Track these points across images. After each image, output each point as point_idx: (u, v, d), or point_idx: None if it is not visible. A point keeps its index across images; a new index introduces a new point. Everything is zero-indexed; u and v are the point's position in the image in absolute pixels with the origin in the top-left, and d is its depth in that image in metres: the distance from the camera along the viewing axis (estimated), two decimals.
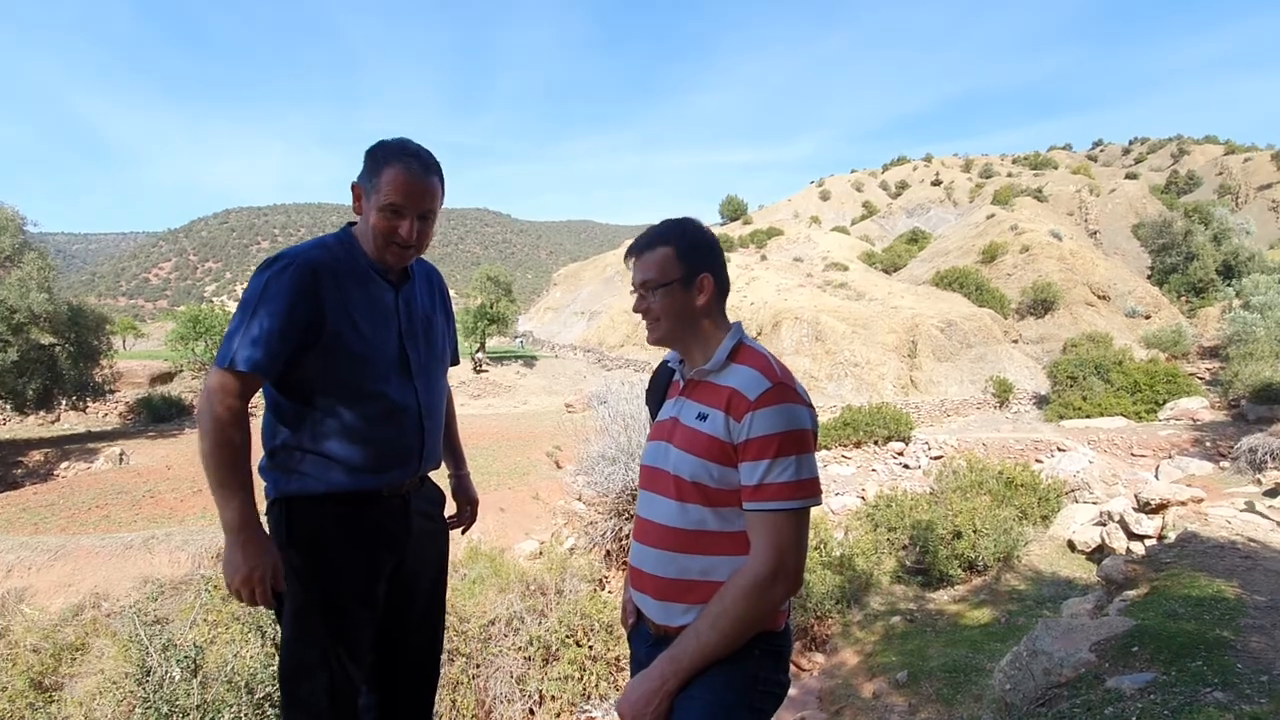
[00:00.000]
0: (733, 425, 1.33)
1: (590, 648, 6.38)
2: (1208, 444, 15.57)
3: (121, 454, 17.28)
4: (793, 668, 6.66)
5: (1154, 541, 7.27)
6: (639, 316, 1.55)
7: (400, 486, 1.71)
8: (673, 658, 1.32)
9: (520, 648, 6.18)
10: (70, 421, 22.72)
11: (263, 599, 1.52)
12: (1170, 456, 15.19)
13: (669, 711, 1.32)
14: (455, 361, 1.98)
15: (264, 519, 1.59)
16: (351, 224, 1.72)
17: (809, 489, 1.31)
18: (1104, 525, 8.41)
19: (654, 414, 1.63)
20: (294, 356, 1.53)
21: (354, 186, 1.64)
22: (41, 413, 21.02)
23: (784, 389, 1.33)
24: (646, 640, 1.51)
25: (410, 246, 1.64)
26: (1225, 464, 13.43)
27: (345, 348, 1.59)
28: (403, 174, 1.57)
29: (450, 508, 1.99)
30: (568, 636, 6.35)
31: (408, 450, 1.71)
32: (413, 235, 1.62)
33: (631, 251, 1.52)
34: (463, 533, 2.11)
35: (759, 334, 28.00)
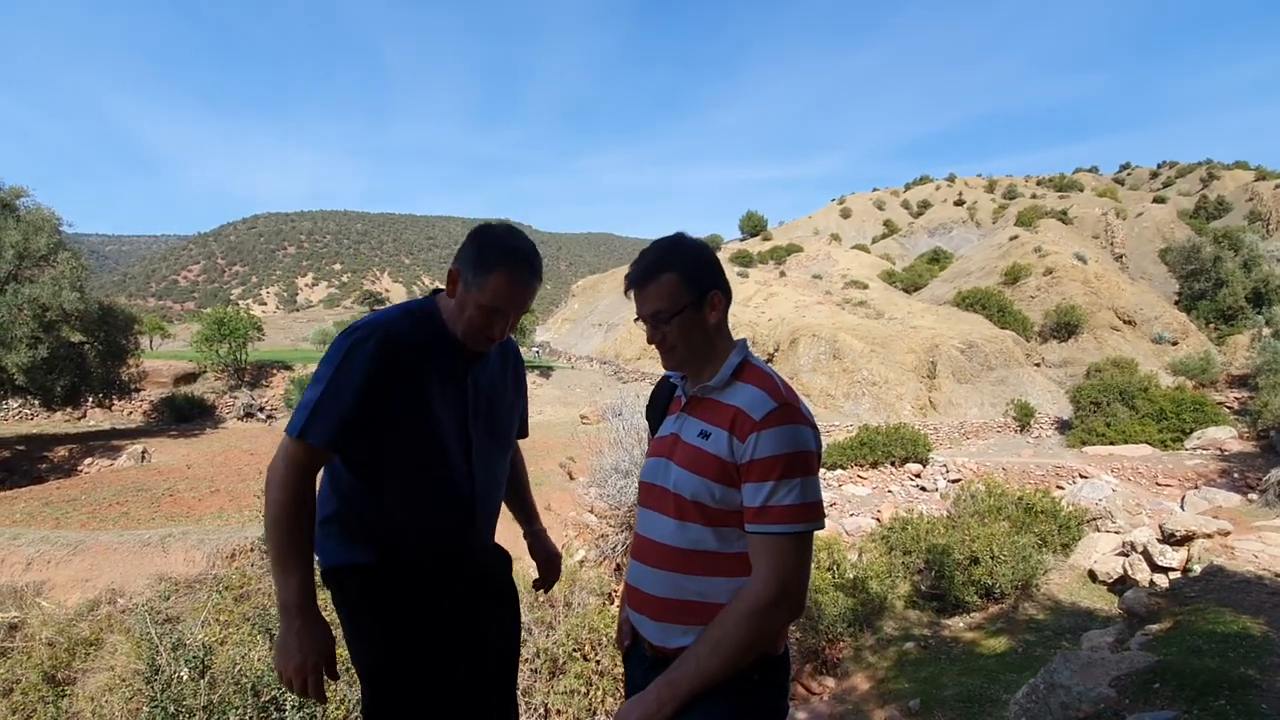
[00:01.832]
0: (736, 445, 1.31)
1: (598, 662, 6.33)
2: (1235, 475, 15.19)
3: (144, 452, 17.60)
4: (802, 690, 6.55)
5: (1178, 574, 7.08)
6: None
7: (447, 560, 1.69)
8: (670, 682, 1.28)
9: (527, 660, 6.14)
10: (96, 418, 23.18)
11: (315, 691, 1.47)
12: (1196, 487, 14.83)
13: None
14: (524, 434, 1.94)
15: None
16: (438, 291, 1.69)
17: (813, 513, 1.28)
18: (1127, 556, 8.20)
19: (653, 429, 1.61)
20: (362, 432, 1.50)
21: (452, 271, 1.59)
22: (68, 409, 21.47)
23: (789, 409, 1.30)
24: (643, 662, 1.47)
25: (499, 340, 1.64)
26: (1254, 496, 13.07)
27: (410, 428, 1.56)
28: (511, 281, 1.54)
29: (527, 568, 1.95)
30: (575, 650, 6.30)
31: (458, 531, 1.69)
32: (507, 334, 1.63)
33: (632, 284, 1.44)
34: (545, 591, 2.08)
35: (776, 350, 27.90)
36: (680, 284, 1.40)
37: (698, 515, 1.34)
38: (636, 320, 1.49)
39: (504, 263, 1.53)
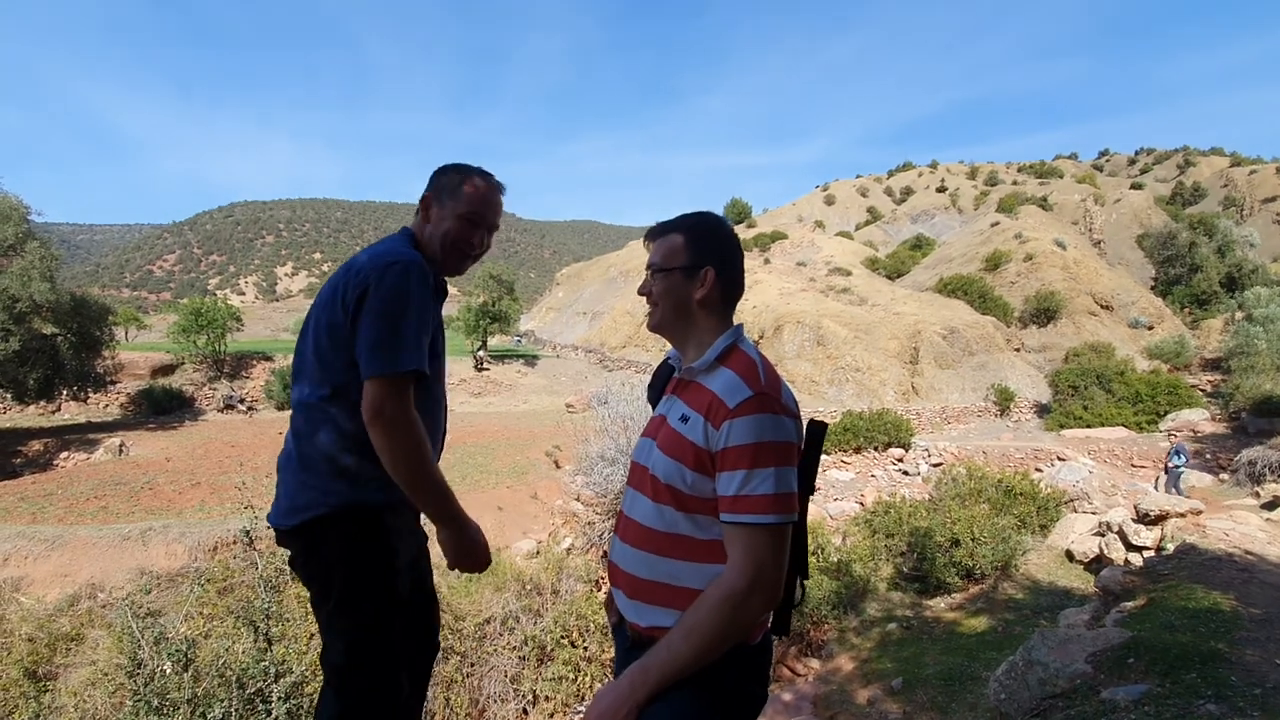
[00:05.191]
0: (711, 432, 1.28)
1: (585, 649, 6.37)
2: (1207, 456, 15.55)
3: (121, 445, 17.31)
4: (787, 672, 6.64)
5: (1152, 553, 7.25)
6: (641, 319, 1.54)
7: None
8: (643, 668, 1.27)
9: (515, 647, 6.17)
10: (71, 411, 22.74)
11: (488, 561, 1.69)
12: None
13: None
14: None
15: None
16: (407, 229, 1.77)
17: (788, 504, 1.24)
18: (1102, 536, 8.38)
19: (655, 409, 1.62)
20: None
21: (424, 198, 1.72)
22: (42, 402, 21.05)
23: (765, 398, 1.27)
24: (625, 642, 1.48)
25: (475, 257, 1.76)
26: (1225, 476, 13.41)
27: (435, 352, 1.66)
28: (484, 187, 1.71)
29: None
30: (563, 637, 6.34)
31: (437, 451, 1.76)
32: (483, 246, 1.76)
33: (648, 235, 1.52)
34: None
35: (761, 338, 28.00)
36: (681, 247, 1.44)
37: (670, 499, 1.34)
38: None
39: (473, 173, 1.72)
